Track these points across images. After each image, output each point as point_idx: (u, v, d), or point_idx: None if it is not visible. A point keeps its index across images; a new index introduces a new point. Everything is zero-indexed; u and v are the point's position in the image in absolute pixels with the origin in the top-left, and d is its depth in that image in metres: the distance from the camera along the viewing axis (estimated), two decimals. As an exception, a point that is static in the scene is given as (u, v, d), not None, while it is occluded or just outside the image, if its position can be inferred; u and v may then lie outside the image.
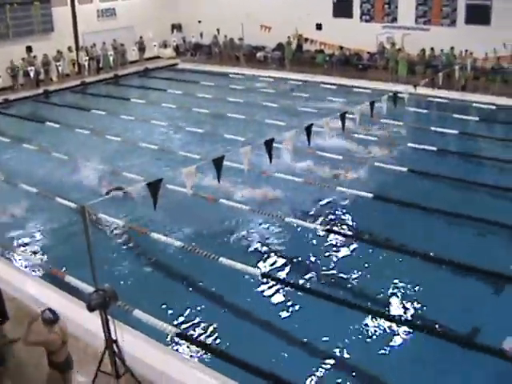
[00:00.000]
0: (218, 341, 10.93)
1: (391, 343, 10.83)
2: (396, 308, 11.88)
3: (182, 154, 20.92)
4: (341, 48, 35.04)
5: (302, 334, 11.10)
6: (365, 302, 12.03)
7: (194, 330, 11.28)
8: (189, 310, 11.90)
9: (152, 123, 25.69)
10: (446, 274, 13.18)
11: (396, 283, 12.71)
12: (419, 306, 11.93)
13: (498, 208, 16.44)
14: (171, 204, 15.91)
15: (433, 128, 23.50)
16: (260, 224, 15.65)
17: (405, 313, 11.73)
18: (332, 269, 13.43)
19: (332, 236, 14.88)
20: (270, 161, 13.59)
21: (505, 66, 28.99)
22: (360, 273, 13.17)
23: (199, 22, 40.24)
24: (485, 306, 11.83)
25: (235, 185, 17.72)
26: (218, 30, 38.51)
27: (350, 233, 15.08)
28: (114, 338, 8.78)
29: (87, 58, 35.21)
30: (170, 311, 11.87)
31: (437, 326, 11.21)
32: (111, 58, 36.13)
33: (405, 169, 19.15)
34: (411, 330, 11.21)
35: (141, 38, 38.13)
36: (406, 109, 24.35)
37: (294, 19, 35.36)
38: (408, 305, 11.97)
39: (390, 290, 12.48)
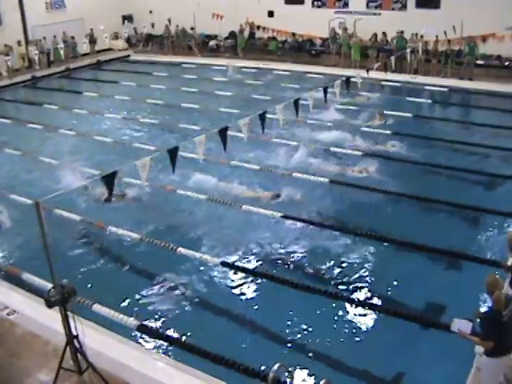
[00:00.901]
0: (180, 331, 10.89)
1: (352, 325, 10.95)
2: (356, 291, 11.98)
3: (137, 145, 20.76)
4: (293, 35, 35.17)
5: (265, 320, 11.13)
6: (322, 285, 12.08)
7: (156, 322, 11.22)
8: (149, 301, 11.84)
9: (106, 116, 25.46)
10: (400, 254, 13.42)
11: (352, 265, 12.91)
12: (376, 286, 12.09)
13: (450, 187, 16.80)
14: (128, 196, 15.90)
15: (386, 112, 23.68)
16: (218, 212, 15.60)
17: (364, 295, 11.84)
18: (290, 254, 13.48)
19: (289, 222, 14.89)
20: (225, 149, 13.56)
21: (455, 48, 29.38)
22: (316, 257, 13.27)
23: (150, 12, 39.88)
24: (433, 282, 12.10)
25: (192, 174, 17.63)
26: (169, 19, 38.28)
27: (306, 218, 15.09)
28: (75, 334, 8.71)
29: (37, 51, 34.58)
30: (130, 304, 11.78)
31: (391, 304, 11.38)
32: (62, 52, 35.62)
33: (359, 153, 19.30)
34: (370, 311, 11.32)
35: (91, 30, 37.53)
36: (360, 93, 24.61)
37: (246, 7, 35.30)
38: (365, 286, 12.12)
39: (349, 273, 12.61)
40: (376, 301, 11.65)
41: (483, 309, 9.50)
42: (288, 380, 8.34)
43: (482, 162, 18.40)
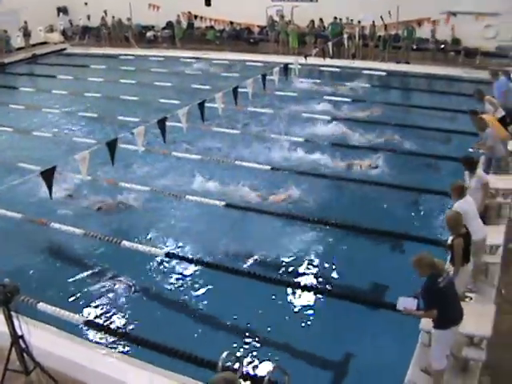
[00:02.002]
0: (128, 325, 10.80)
1: (299, 310, 11.05)
2: (302, 275, 12.08)
3: (77, 140, 20.45)
4: (231, 23, 35.12)
5: (212, 309, 11.15)
6: (269, 271, 12.16)
7: (103, 317, 11.10)
8: (95, 297, 11.70)
9: (43, 111, 24.94)
10: (345, 237, 13.60)
11: (297, 251, 13.02)
12: (322, 270, 12.24)
13: (390, 170, 17.05)
14: (68, 191, 15.78)
15: (326, 97, 23.87)
16: (161, 203, 15.54)
17: (310, 280, 11.95)
18: (235, 242, 13.49)
19: (232, 210, 14.91)
20: (164, 140, 13.50)
21: (392, 33, 29.81)
22: (262, 244, 13.33)
23: (85, 3, 39.29)
24: (377, 264, 12.32)
25: (134, 166, 17.49)
26: (105, 11, 37.77)
27: (249, 206, 15.13)
28: (20, 334, 8.54)
29: (-32, 47, 33.71)
30: (76, 300, 11.62)
31: (338, 287, 11.57)
32: (-6, 46, 34.81)
33: (301, 139, 19.42)
34: (317, 296, 11.44)
35: (25, 23, 36.54)
36: (299, 79, 24.74)
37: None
38: (311, 271, 12.26)
39: (294, 259, 12.71)
40: (322, 284, 11.76)
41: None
42: (238, 367, 8.37)
43: (421, 144, 18.75)
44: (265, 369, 9.17)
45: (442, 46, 29.58)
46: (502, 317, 9.42)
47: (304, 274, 12.17)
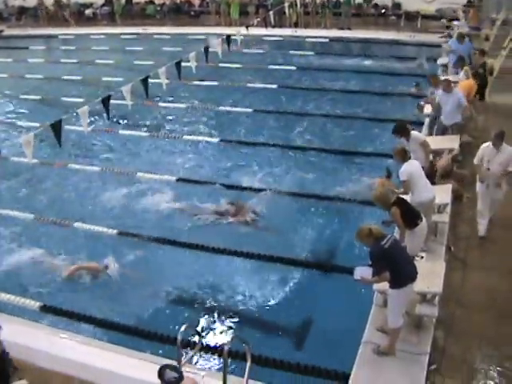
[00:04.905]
0: (85, 307, 10.66)
1: (253, 280, 11.10)
2: (254, 244, 12.13)
3: (20, 123, 20.07)
4: (171, -4, 34.73)
5: (167, 285, 11.09)
6: (222, 243, 12.15)
7: (59, 301, 10.95)
8: (49, 280, 11.54)
9: (-17, 96, 24.39)
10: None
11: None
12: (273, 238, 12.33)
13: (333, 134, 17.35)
14: (14, 176, 15.45)
15: (270, 66, 23.89)
16: (110, 183, 15.37)
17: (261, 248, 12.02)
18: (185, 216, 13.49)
19: (184, 185, 14.87)
20: (108, 117, 13.38)
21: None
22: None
23: (20, -17, 38.31)
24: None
25: (83, 148, 17.28)
26: (41, -10, 36.90)
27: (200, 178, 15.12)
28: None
29: None
30: (30, 286, 11.46)
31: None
32: None
33: (250, 110, 19.46)
34: (268, 263, 11.53)
35: (-42, 6, 35.62)
36: (242, 50, 24.67)
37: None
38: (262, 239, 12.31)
39: (245, 227, 12.81)
40: (275, 252, 11.84)
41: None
42: (197, 340, 8.41)
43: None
44: (224, 339, 9.24)
45: (383, 10, 29.78)
46: (452, 273, 9.67)
47: (258, 243, 12.21)
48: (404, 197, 9.49)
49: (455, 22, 24.20)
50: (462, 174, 12.95)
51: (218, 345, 9.27)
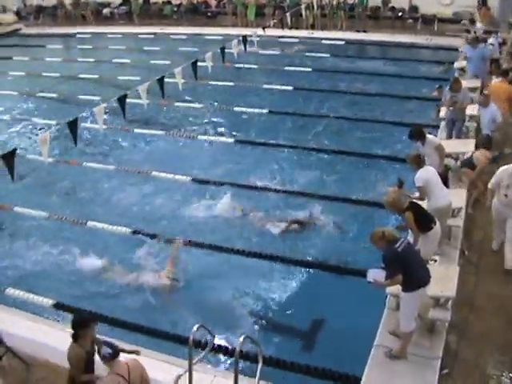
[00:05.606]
0: (98, 306, 10.65)
1: (265, 281, 11.13)
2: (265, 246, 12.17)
3: (37, 121, 20.20)
4: (188, -3, 34.77)
5: (182, 284, 11.17)
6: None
7: (73, 298, 10.98)
8: (64, 278, 11.60)
9: (1, 93, 24.48)
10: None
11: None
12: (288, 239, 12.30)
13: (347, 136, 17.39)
14: (32, 174, 15.55)
15: (286, 68, 23.91)
16: (125, 182, 15.44)
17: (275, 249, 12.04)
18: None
19: (199, 185, 14.89)
20: (124, 116, 13.47)
21: (349, 1, 29.82)
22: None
23: (38, -18, 38.48)
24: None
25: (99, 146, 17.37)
26: (60, -11, 37.06)
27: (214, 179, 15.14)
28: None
29: None
30: (45, 283, 11.52)
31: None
32: None
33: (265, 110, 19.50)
34: (285, 265, 11.54)
35: (-23, 3, 35.80)
36: (258, 51, 24.68)
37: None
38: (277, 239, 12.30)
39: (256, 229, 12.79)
40: (288, 255, 11.84)
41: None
42: (209, 339, 8.42)
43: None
44: (235, 340, 9.25)
45: (400, 13, 29.69)
46: (466, 277, 9.63)
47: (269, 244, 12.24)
48: (420, 203, 9.48)
49: (477, 26, 24.02)
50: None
51: (229, 346, 9.29)
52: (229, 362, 8.97)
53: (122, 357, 7.02)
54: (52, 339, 9.50)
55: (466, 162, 12.25)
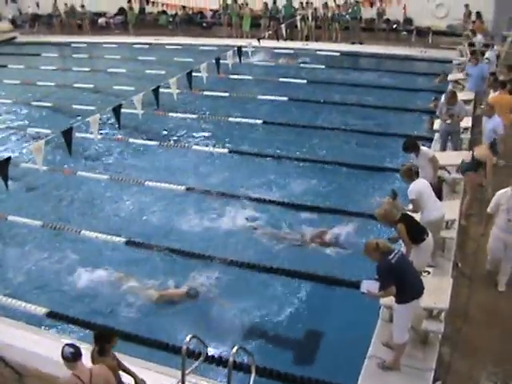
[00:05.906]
0: (92, 315, 10.66)
1: (259, 292, 11.12)
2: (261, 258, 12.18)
3: (32, 129, 20.18)
4: (183, 7, 34.86)
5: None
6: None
7: (66, 308, 10.95)
8: (57, 287, 11.58)
9: (-5, 101, 24.53)
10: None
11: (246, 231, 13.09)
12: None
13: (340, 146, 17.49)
14: (26, 182, 15.52)
15: (281, 79, 23.98)
16: (119, 192, 15.44)
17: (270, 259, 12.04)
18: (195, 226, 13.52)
19: (192, 194, 14.89)
20: (119, 126, 13.44)
21: (343, 14, 29.96)
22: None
23: (34, -9, 38.53)
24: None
25: (94, 155, 17.35)
26: (55, -2, 37.13)
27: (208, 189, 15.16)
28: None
29: None
30: (38, 292, 11.49)
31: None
32: None
33: (259, 121, 19.53)
34: (278, 276, 11.54)
35: (-29, 12, 35.80)
36: (253, 62, 24.77)
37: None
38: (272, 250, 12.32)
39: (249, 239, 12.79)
40: (282, 265, 11.84)
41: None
42: (202, 350, 8.40)
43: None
44: (229, 351, 9.22)
45: (395, 25, 29.85)
46: (459, 289, 9.65)
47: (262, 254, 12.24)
48: (413, 215, 9.50)
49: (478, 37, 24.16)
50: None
51: (222, 356, 9.27)
52: (222, 372, 8.91)
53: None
54: (44, 349, 9.43)
55: (468, 166, 12.05)
